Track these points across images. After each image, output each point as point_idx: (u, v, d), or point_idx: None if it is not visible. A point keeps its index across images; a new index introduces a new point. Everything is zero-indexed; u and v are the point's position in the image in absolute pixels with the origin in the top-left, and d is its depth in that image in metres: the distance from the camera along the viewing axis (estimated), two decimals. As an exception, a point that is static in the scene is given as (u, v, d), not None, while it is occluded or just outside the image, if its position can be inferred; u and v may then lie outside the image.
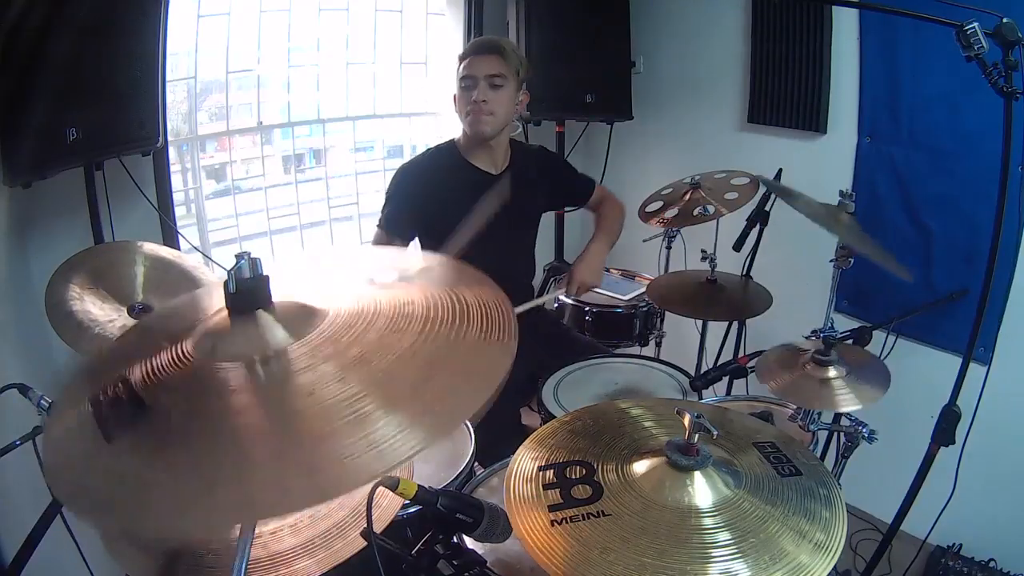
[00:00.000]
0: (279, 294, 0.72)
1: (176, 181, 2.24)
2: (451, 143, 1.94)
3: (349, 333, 0.67)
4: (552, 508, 0.76)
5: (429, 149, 1.99)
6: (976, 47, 1.22)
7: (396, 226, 1.88)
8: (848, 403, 1.27)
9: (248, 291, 0.69)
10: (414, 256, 0.84)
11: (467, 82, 1.80)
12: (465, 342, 0.66)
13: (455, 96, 1.87)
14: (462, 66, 1.83)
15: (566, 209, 3.02)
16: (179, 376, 0.65)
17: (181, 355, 0.67)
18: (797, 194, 1.58)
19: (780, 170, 2.01)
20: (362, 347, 0.65)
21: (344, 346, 0.65)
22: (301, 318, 0.70)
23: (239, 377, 0.63)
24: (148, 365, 0.67)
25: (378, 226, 1.92)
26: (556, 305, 2.38)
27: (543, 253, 2.40)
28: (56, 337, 1.34)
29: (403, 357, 0.64)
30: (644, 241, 2.37)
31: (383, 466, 0.54)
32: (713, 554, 0.69)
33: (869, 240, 1.57)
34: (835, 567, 0.71)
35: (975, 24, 1.22)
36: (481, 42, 1.88)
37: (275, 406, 0.62)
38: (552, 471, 0.82)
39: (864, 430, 1.32)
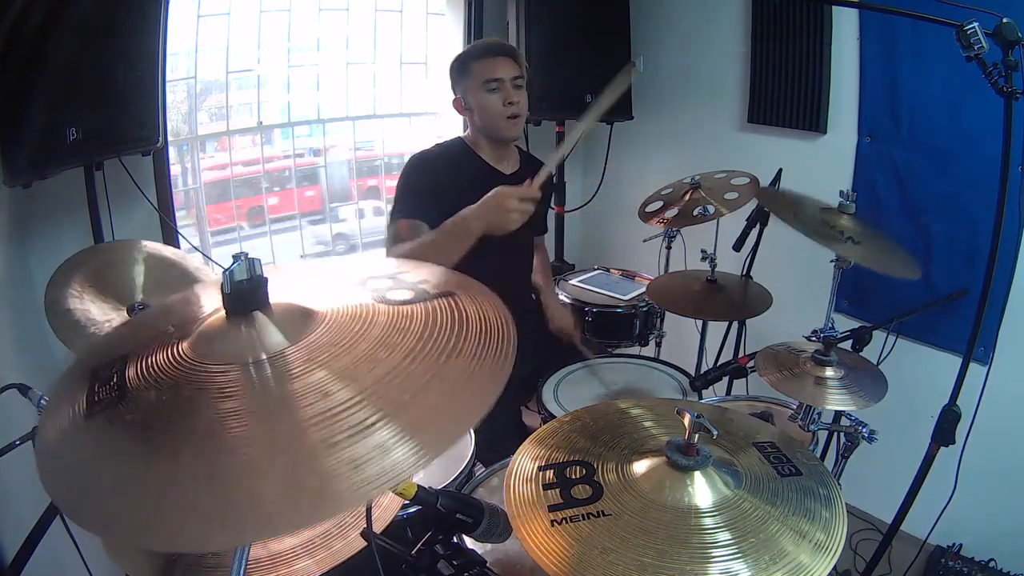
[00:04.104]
0: (276, 296, 0.70)
1: (176, 181, 2.24)
2: (459, 140, 1.88)
3: (345, 338, 0.66)
4: (552, 508, 0.76)
5: (438, 144, 1.91)
6: (976, 47, 1.22)
7: (420, 212, 1.69)
8: (842, 403, 1.27)
9: (245, 292, 0.68)
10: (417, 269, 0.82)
11: (493, 85, 1.73)
12: (464, 350, 0.65)
13: (461, 99, 1.80)
14: (481, 67, 1.74)
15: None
16: (175, 377, 0.64)
17: (177, 356, 0.66)
18: (795, 201, 1.58)
19: (780, 170, 2.01)
20: (359, 352, 0.64)
21: (341, 351, 0.64)
22: (299, 321, 0.68)
23: (237, 380, 0.62)
24: (143, 363, 0.66)
25: (396, 219, 1.71)
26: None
27: (543, 253, 2.39)
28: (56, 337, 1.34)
29: (402, 364, 0.63)
30: (644, 241, 2.37)
31: (393, 476, 0.52)
32: (713, 554, 0.69)
33: (873, 241, 1.57)
34: (835, 567, 0.71)
35: (975, 24, 1.22)
36: (496, 44, 1.81)
37: (275, 411, 0.60)
38: (552, 471, 0.82)
39: (864, 430, 1.32)
